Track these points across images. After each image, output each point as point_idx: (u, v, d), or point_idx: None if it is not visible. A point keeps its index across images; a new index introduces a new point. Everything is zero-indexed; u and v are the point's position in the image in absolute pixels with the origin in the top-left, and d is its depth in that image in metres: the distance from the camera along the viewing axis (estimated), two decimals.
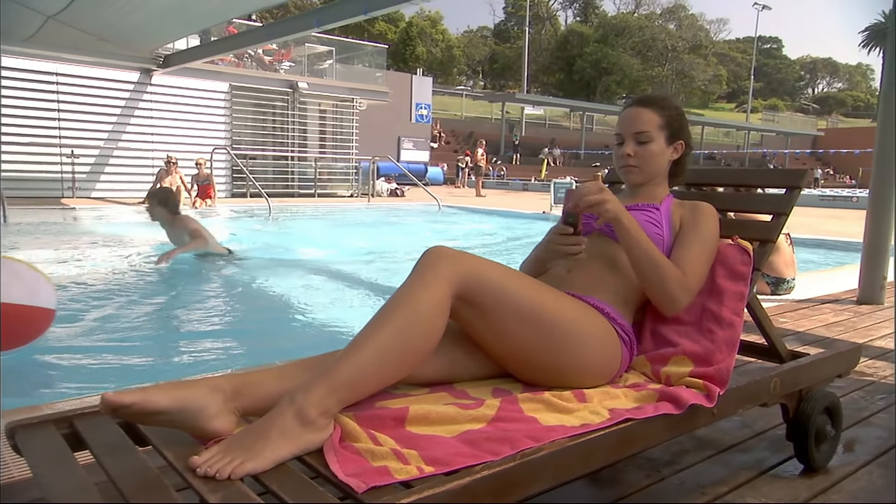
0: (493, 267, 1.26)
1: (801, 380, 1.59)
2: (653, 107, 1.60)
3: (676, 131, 1.62)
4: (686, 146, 1.64)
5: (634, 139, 1.58)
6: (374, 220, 10.05)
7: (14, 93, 10.72)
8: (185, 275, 4.67)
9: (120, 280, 4.52)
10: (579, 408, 1.23)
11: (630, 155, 1.59)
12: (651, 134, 1.58)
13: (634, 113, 1.59)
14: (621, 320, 1.43)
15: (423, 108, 24.67)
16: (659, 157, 1.60)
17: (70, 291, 4.07)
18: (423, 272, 1.19)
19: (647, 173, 1.61)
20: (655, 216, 1.56)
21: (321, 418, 1.01)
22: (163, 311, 3.76)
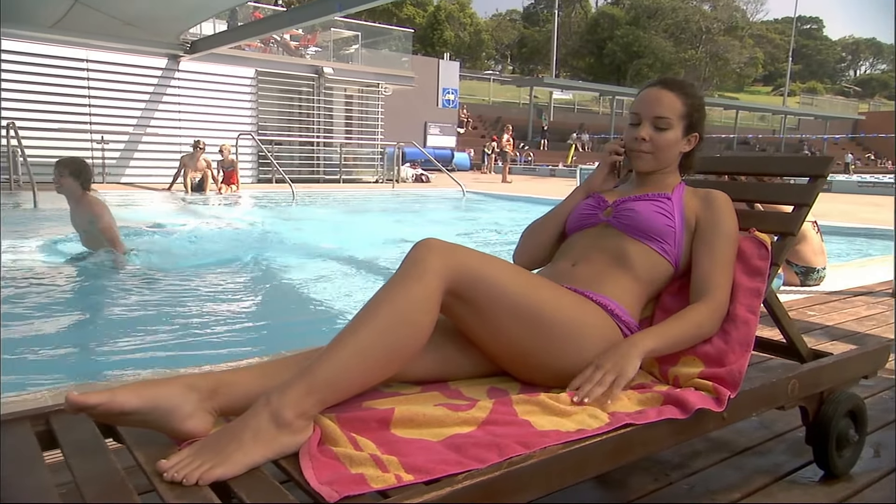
0: (488, 260, 1.20)
1: (823, 381, 1.50)
2: (677, 92, 1.51)
3: (695, 123, 1.53)
4: (700, 139, 1.55)
5: (653, 123, 1.49)
6: (396, 206, 10.02)
7: (45, 79, 10.90)
8: (194, 260, 4.68)
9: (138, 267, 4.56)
10: (577, 411, 1.16)
11: (645, 139, 1.50)
12: (671, 121, 1.49)
13: (657, 95, 1.50)
14: (626, 317, 1.35)
15: (450, 93, 24.49)
16: (673, 146, 1.52)
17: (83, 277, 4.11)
18: (411, 266, 1.13)
19: (658, 162, 1.52)
20: (666, 206, 1.47)
21: (298, 420, 0.97)
22: (176, 297, 3.77)
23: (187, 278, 4.20)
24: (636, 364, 1.24)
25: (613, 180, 1.63)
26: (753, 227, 1.48)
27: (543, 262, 1.61)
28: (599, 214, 1.53)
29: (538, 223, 1.64)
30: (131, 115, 11.81)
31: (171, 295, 3.78)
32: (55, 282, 3.93)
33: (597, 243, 1.47)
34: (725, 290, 1.39)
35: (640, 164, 1.53)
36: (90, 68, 11.33)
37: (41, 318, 3.26)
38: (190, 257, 4.79)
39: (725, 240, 1.43)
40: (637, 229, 1.44)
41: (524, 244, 1.64)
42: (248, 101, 13.17)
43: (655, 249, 1.43)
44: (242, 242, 5.33)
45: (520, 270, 1.26)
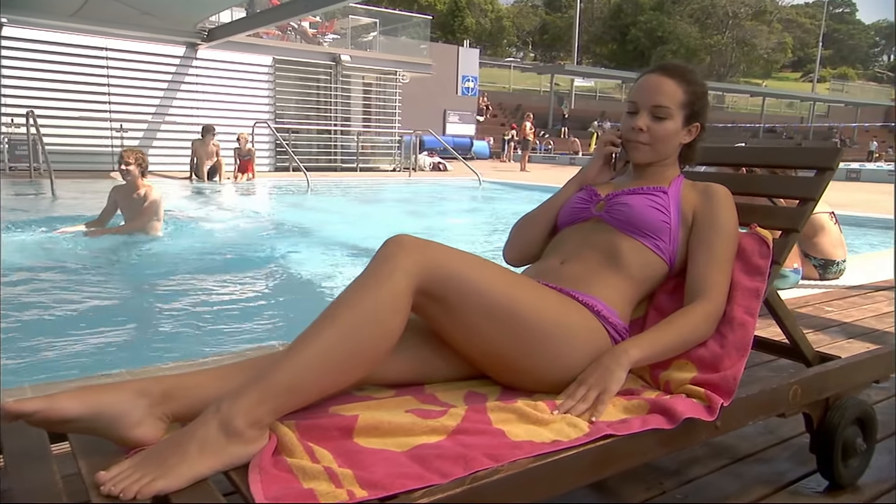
0: (463, 258, 1.13)
1: (828, 387, 1.41)
2: (678, 79, 1.41)
3: (697, 112, 1.44)
4: (701, 130, 1.46)
5: (651, 112, 1.40)
6: (410, 196, 9.96)
7: (65, 67, 10.98)
8: (194, 251, 4.67)
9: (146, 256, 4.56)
10: (555, 419, 1.09)
11: (642, 129, 1.41)
12: (670, 110, 1.40)
13: (656, 82, 1.41)
14: (614, 319, 1.27)
15: (469, 81, 24.28)
16: (673, 137, 1.43)
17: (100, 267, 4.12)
18: (379, 264, 1.07)
19: (656, 153, 1.43)
20: (661, 201, 1.39)
21: (251, 429, 0.91)
22: (179, 287, 3.75)
23: (204, 262, 4.33)
24: (621, 378, 1.16)
25: (609, 173, 1.55)
26: (755, 223, 1.39)
27: (534, 257, 1.54)
28: (591, 208, 1.45)
29: (528, 217, 1.57)
30: (150, 103, 11.87)
31: (194, 276, 3.88)
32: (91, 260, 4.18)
33: (587, 239, 1.39)
34: (722, 291, 1.31)
35: (636, 155, 1.45)
36: (109, 57, 11.40)
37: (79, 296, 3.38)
38: (196, 246, 4.80)
39: (724, 236, 1.35)
40: (629, 224, 1.36)
41: (513, 239, 1.57)
42: (265, 89, 13.16)
43: (649, 246, 1.35)
44: (247, 232, 5.32)
45: (498, 269, 1.19)
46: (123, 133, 11.42)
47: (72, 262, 4.04)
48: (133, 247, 4.38)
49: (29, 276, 3.75)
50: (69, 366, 2.42)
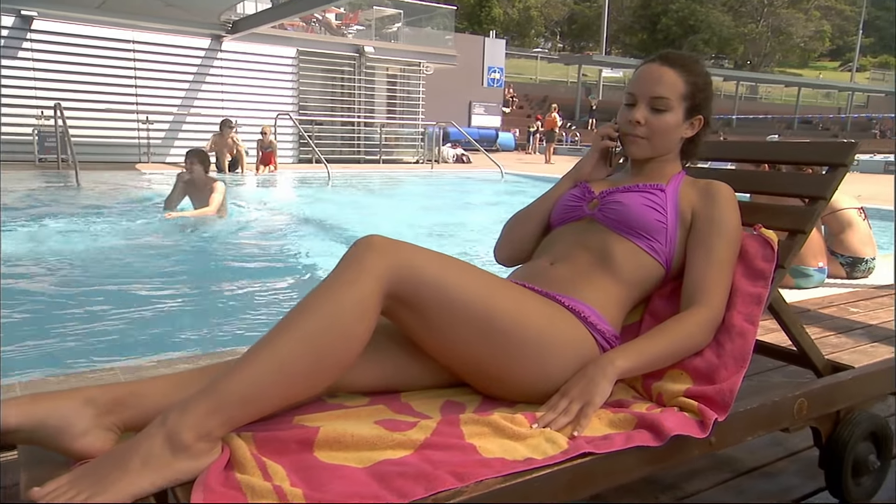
0: (438, 260, 1.06)
1: (839, 399, 1.32)
2: (679, 69, 1.33)
3: (699, 105, 1.35)
4: (705, 124, 1.37)
5: (649, 104, 1.32)
6: (431, 188, 9.90)
7: (94, 60, 11.13)
8: (209, 244, 4.70)
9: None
10: (533, 434, 1.02)
11: (640, 122, 1.33)
12: (670, 102, 1.31)
13: (656, 73, 1.33)
14: (603, 325, 1.20)
15: (495, 72, 24.05)
16: (672, 131, 1.34)
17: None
18: (346, 267, 1.01)
19: (654, 148, 1.35)
20: (658, 199, 1.30)
21: (199, 443, 0.86)
22: (176, 282, 3.78)
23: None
24: (606, 390, 1.09)
25: (605, 169, 1.47)
26: (759, 224, 1.30)
27: (526, 256, 1.47)
28: (584, 207, 1.37)
29: (520, 214, 1.50)
30: (175, 95, 11.98)
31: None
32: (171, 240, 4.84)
33: (579, 240, 1.32)
34: (721, 296, 1.22)
35: (634, 149, 1.37)
36: (136, 49, 11.52)
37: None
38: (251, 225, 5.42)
39: (725, 237, 1.26)
40: (622, 224, 1.28)
41: (505, 237, 1.50)
42: (289, 80, 13.19)
43: (643, 247, 1.27)
44: (260, 225, 5.37)
45: (477, 272, 1.12)
46: (149, 125, 11.55)
47: (162, 235, 4.89)
48: (207, 225, 5.11)
49: (133, 249, 4.43)
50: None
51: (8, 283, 3.40)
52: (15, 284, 3.42)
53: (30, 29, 10.61)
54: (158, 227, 5.02)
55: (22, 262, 3.93)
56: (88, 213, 5.75)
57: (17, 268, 3.78)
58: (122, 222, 5.41)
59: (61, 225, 5.22)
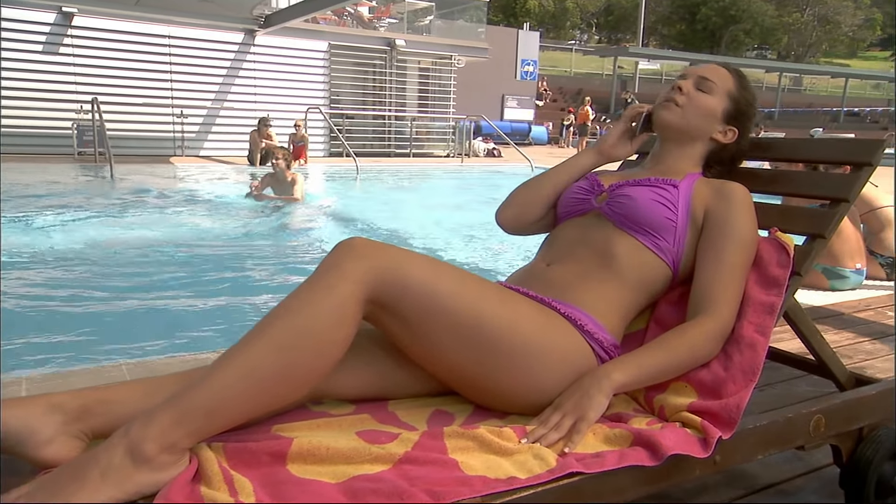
0: (422, 264, 1.01)
1: (861, 416, 1.23)
2: (734, 74, 1.34)
3: (739, 115, 1.32)
4: (739, 138, 1.32)
5: (696, 82, 1.32)
6: (459, 182, 9.84)
7: (131, 55, 11.34)
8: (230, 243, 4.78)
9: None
10: (521, 449, 0.97)
11: (681, 89, 1.31)
12: (715, 87, 1.31)
13: (712, 66, 1.35)
14: (602, 334, 1.13)
15: (528, 65, 23.82)
16: (708, 115, 1.30)
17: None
18: (325, 271, 0.96)
19: (686, 119, 1.30)
20: (669, 195, 1.22)
21: (163, 455, 0.83)
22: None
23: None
24: (601, 404, 1.02)
25: (628, 146, 1.41)
26: (775, 227, 1.21)
27: (529, 225, 1.41)
28: (592, 200, 1.30)
29: (533, 179, 1.43)
30: (209, 89, 12.14)
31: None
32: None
33: (582, 237, 1.25)
34: (731, 305, 1.15)
35: (665, 114, 1.32)
36: (172, 44, 11.70)
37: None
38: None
39: (737, 241, 1.18)
40: (629, 220, 1.21)
41: (511, 198, 1.42)
42: (320, 74, 13.25)
43: (647, 246, 1.20)
44: (277, 218, 5.44)
45: (465, 277, 1.06)
46: (184, 119, 11.73)
47: (253, 214, 5.98)
48: (289, 206, 6.22)
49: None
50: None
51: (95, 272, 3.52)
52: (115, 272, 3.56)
53: (70, 25, 10.86)
54: (249, 210, 5.99)
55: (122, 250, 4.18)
56: (175, 203, 6.51)
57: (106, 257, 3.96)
58: (205, 212, 6.14)
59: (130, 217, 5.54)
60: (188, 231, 5.06)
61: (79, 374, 1.77)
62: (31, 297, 3.17)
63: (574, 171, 1.41)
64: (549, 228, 1.42)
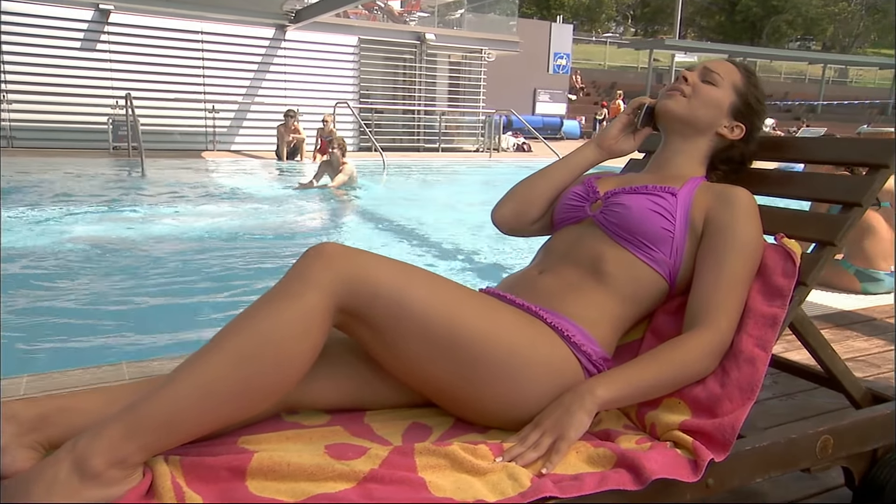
0: (393, 270, 0.96)
1: (875, 436, 1.14)
2: (742, 70, 1.28)
3: (746, 111, 1.26)
4: (747, 136, 1.26)
5: (702, 74, 1.28)
6: (485, 177, 9.75)
7: (165, 51, 11.52)
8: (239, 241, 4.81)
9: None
10: (495, 468, 0.92)
11: (687, 79, 1.27)
12: (721, 80, 1.26)
13: (719, 60, 1.31)
14: (591, 346, 1.07)
15: (561, 58, 23.52)
16: (714, 107, 1.24)
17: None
18: (291, 279, 0.92)
19: (691, 110, 1.24)
20: (666, 204, 1.15)
21: (113, 470, 0.80)
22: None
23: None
24: (582, 422, 0.96)
25: (630, 140, 1.34)
26: (781, 233, 1.13)
27: (526, 225, 1.36)
28: (587, 208, 1.24)
29: (531, 176, 1.37)
30: (240, 84, 12.26)
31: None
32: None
33: (575, 246, 1.19)
34: (730, 318, 1.07)
35: (670, 103, 1.26)
36: (205, 40, 11.84)
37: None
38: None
39: (738, 249, 1.10)
40: (622, 230, 1.15)
41: (508, 195, 1.37)
42: (350, 69, 13.28)
43: (642, 259, 1.13)
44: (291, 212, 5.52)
45: (442, 284, 1.01)
46: (215, 114, 11.88)
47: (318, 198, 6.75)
48: (346, 190, 7.00)
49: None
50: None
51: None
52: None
53: (107, 22, 11.07)
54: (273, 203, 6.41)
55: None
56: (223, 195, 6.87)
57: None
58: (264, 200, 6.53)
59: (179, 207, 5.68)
60: (215, 225, 5.11)
61: (76, 373, 1.76)
62: (64, 294, 3.22)
63: (573, 168, 1.35)
64: (546, 231, 1.36)
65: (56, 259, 3.86)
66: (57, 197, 5.98)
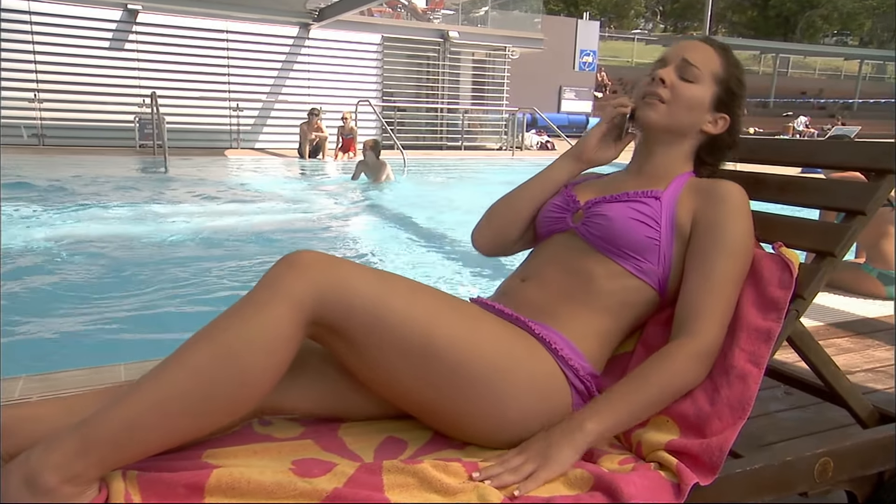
0: (370, 279, 0.92)
1: (879, 459, 1.08)
2: (719, 50, 1.17)
3: (729, 100, 1.16)
4: (731, 128, 1.16)
5: (679, 69, 1.15)
6: (505, 177, 9.64)
7: (191, 50, 11.66)
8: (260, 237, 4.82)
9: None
10: (465, 489, 0.88)
11: (663, 81, 1.14)
12: (700, 74, 1.14)
13: (694, 44, 1.18)
14: (578, 361, 1.02)
15: (587, 55, 23.26)
16: (695, 108, 1.14)
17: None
18: (261, 288, 0.89)
19: (672, 116, 1.14)
20: (650, 210, 1.09)
21: (66, 486, 0.78)
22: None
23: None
24: (568, 458, 0.92)
25: (611, 149, 1.24)
26: (780, 242, 1.07)
27: (510, 245, 1.28)
28: (568, 219, 1.17)
29: (507, 197, 1.29)
30: (264, 82, 12.36)
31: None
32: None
33: (560, 258, 1.13)
34: (718, 323, 1.02)
35: (649, 113, 1.14)
36: (230, 39, 11.96)
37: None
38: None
39: (728, 250, 1.04)
40: (606, 242, 1.09)
41: (486, 221, 1.28)
42: (374, 67, 13.30)
43: (629, 270, 1.08)
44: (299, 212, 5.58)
45: (423, 294, 0.97)
46: (239, 112, 11.98)
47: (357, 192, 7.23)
48: (382, 187, 7.40)
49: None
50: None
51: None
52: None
53: (135, 22, 11.24)
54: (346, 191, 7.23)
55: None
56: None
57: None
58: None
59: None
60: (232, 223, 5.14)
61: (74, 374, 1.77)
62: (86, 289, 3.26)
63: (551, 184, 1.25)
64: (530, 246, 1.29)
65: (73, 258, 3.91)
66: (75, 194, 6.07)
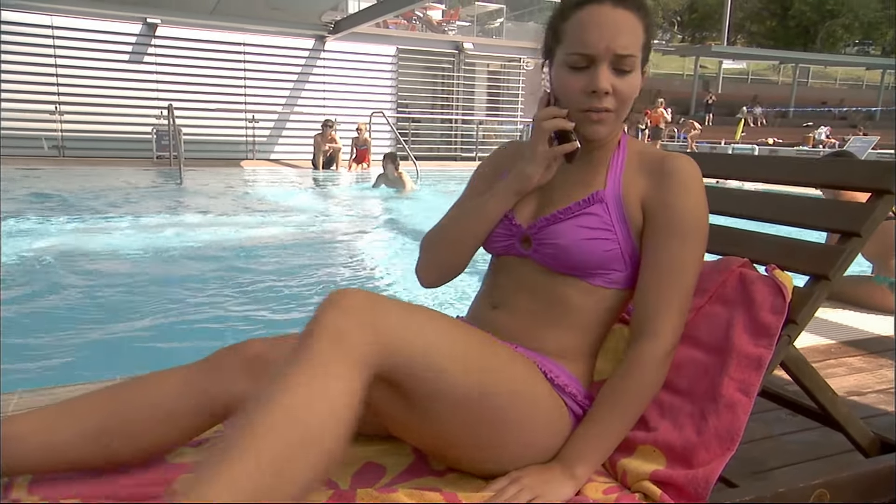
0: (425, 327, 0.87)
1: (878, 490, 1.03)
2: (635, 10, 0.97)
3: (649, 47, 1.02)
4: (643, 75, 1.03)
5: (613, 64, 0.96)
6: None
7: (208, 62, 11.82)
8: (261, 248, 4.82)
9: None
10: None
11: (608, 92, 0.96)
12: (635, 60, 0.97)
13: (613, 18, 0.95)
14: (575, 387, 1.00)
15: None
16: (636, 94, 1.01)
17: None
18: (323, 346, 0.77)
19: (619, 120, 1.02)
20: (598, 220, 1.00)
21: None
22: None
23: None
24: (563, 495, 0.91)
25: (551, 170, 1.06)
26: (773, 264, 1.03)
27: (459, 273, 1.17)
28: (516, 245, 1.07)
29: (445, 234, 1.15)
30: (280, 94, 12.49)
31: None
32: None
33: (526, 282, 1.05)
34: (676, 318, 0.98)
35: (599, 129, 0.99)
36: (247, 52, 12.11)
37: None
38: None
39: (680, 231, 0.98)
40: (567, 268, 1.02)
41: (430, 260, 1.16)
42: (388, 78, 13.38)
43: (599, 284, 1.02)
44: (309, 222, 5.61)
45: (465, 336, 0.92)
46: (255, 124, 12.10)
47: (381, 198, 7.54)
48: (402, 196, 7.63)
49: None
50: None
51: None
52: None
53: (154, 35, 11.43)
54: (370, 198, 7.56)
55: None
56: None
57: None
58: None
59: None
60: (245, 234, 5.16)
61: (71, 389, 1.76)
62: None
63: (491, 219, 1.09)
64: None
65: (81, 268, 3.94)
66: (84, 206, 6.15)
